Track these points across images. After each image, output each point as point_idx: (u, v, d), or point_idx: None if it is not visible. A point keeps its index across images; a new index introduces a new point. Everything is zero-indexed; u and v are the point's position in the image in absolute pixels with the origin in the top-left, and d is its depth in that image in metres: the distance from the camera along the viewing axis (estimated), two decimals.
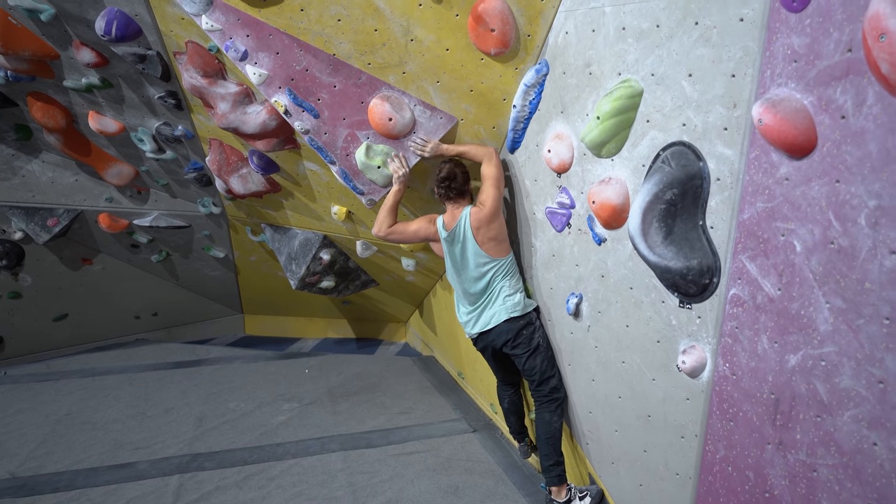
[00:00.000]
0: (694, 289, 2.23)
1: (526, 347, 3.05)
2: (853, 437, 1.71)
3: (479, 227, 2.97)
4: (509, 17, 2.65)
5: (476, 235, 2.99)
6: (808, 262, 1.80)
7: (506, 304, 3.05)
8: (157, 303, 6.21)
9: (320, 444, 3.90)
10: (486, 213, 2.93)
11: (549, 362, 3.07)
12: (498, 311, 3.07)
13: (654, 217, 2.29)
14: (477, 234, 2.99)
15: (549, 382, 3.04)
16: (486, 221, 2.95)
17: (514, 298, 3.07)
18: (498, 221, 2.98)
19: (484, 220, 2.95)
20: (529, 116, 2.94)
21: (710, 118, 2.08)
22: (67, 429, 4.11)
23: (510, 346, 3.08)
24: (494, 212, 2.95)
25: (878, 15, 1.45)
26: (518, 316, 3.05)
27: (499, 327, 3.08)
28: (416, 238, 3.27)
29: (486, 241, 2.99)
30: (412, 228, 3.24)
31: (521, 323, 3.06)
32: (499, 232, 3.00)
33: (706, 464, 2.32)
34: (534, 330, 3.09)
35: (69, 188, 4.72)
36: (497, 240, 3.00)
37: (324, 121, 3.07)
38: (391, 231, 3.24)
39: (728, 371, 2.16)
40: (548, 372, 3.05)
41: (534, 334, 3.08)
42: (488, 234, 2.98)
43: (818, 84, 1.71)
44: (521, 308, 3.07)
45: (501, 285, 3.06)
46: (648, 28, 2.26)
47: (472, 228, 2.99)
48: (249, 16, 2.83)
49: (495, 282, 3.06)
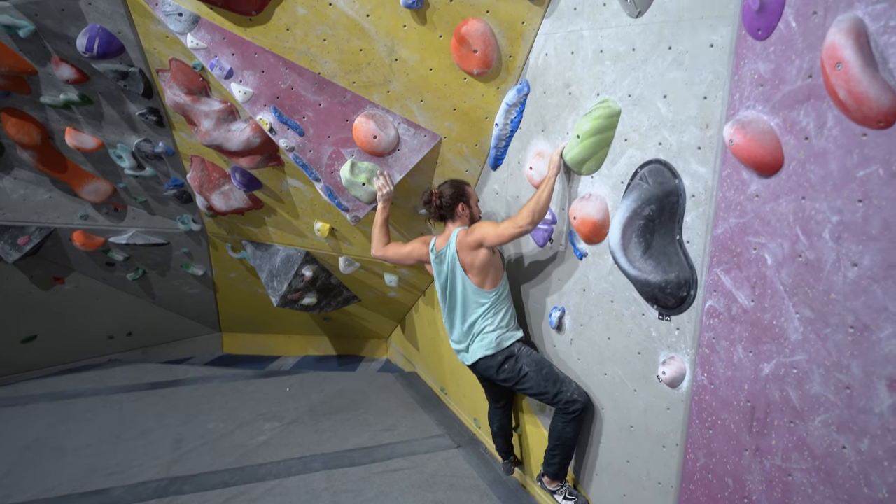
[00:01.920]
0: (672, 301, 2.31)
1: (514, 378, 3.00)
2: (824, 441, 1.79)
3: (462, 250, 2.93)
4: (491, 39, 2.74)
5: (460, 258, 2.95)
6: (779, 274, 1.89)
7: (483, 342, 3.01)
8: (132, 322, 6.10)
9: (303, 463, 3.86)
10: (469, 238, 2.88)
11: (545, 382, 2.93)
12: (476, 348, 3.05)
13: (634, 232, 2.38)
14: (460, 255, 2.94)
15: (558, 397, 2.90)
16: (467, 247, 2.89)
17: (491, 336, 3.00)
18: (483, 253, 2.88)
19: (466, 245, 2.90)
20: (511, 134, 3.02)
21: (685, 137, 2.18)
22: (36, 455, 3.99)
23: (497, 377, 3.06)
24: (477, 242, 2.86)
25: (835, 45, 1.56)
26: (492, 354, 3.01)
27: (480, 362, 3.06)
28: (410, 259, 3.26)
29: (470, 268, 2.94)
30: (406, 249, 3.25)
31: (499, 358, 3.01)
32: (484, 263, 2.91)
33: (687, 472, 2.38)
34: (516, 360, 3.00)
35: (42, 205, 4.64)
36: (481, 269, 2.92)
37: (309, 138, 3.11)
38: (386, 250, 3.27)
39: (706, 380, 2.23)
40: (550, 390, 2.91)
41: (517, 364, 3.00)
42: (471, 260, 2.91)
43: (783, 107, 1.81)
44: (496, 346, 3.00)
45: (484, 319, 3.00)
46: (625, 51, 2.37)
47: (457, 251, 2.95)
48: (235, 35, 2.87)
49: (477, 312, 3.00)
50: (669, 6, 2.17)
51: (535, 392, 2.97)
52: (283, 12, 2.78)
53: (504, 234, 2.76)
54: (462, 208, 3.04)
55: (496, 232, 2.78)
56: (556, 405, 2.90)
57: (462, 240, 2.92)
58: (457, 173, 3.31)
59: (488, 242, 2.83)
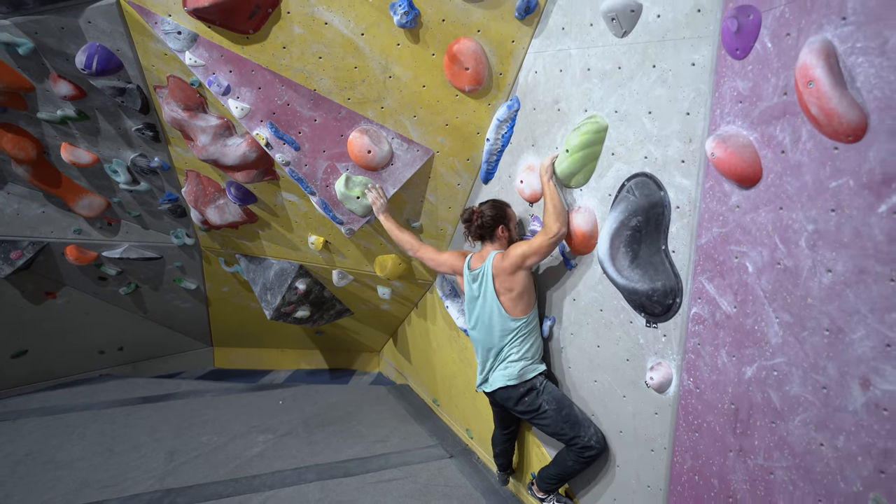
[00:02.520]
0: (659, 309, 2.40)
1: (531, 413, 2.94)
2: (803, 440, 1.87)
3: (498, 274, 2.87)
4: (482, 57, 2.84)
5: (495, 282, 2.89)
6: (759, 281, 1.98)
7: (505, 371, 2.96)
8: (123, 337, 6.09)
9: (297, 474, 3.88)
10: (506, 262, 2.83)
11: (564, 424, 2.86)
12: (496, 377, 3.00)
13: (621, 242, 2.47)
14: (496, 280, 2.89)
15: (574, 441, 2.83)
16: (504, 271, 2.85)
17: (515, 367, 2.94)
18: (519, 277, 2.84)
19: (503, 269, 2.85)
20: (502, 149, 3.12)
21: (669, 151, 2.28)
22: (28, 469, 3.97)
23: (514, 408, 3.01)
24: (515, 265, 2.81)
25: (807, 65, 1.67)
26: (514, 384, 2.95)
27: (500, 392, 3.01)
28: (445, 266, 3.23)
29: (503, 292, 2.88)
30: (443, 258, 3.24)
31: (520, 391, 2.94)
32: (519, 287, 2.86)
33: (675, 474, 2.45)
34: (536, 395, 2.92)
35: (35, 220, 4.66)
36: (515, 294, 2.87)
37: (304, 153, 3.18)
38: (424, 251, 3.27)
39: (692, 385, 2.31)
40: (567, 433, 2.84)
41: (536, 399, 2.92)
42: (506, 285, 2.86)
43: (761, 122, 1.92)
44: (518, 377, 2.93)
45: (511, 347, 2.95)
46: (611, 69, 2.47)
47: (493, 274, 2.89)
48: (232, 52, 2.95)
49: (505, 339, 2.94)
50: (653, 27, 2.27)
51: (551, 431, 2.91)
52: (279, 31, 2.87)
53: (542, 248, 2.73)
54: (502, 230, 2.99)
55: (533, 249, 2.75)
56: (572, 448, 2.85)
57: (499, 264, 2.86)
58: (449, 187, 3.40)
59: (529, 262, 2.79)
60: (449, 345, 4.26)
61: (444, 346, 4.39)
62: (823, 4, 1.69)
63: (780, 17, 1.82)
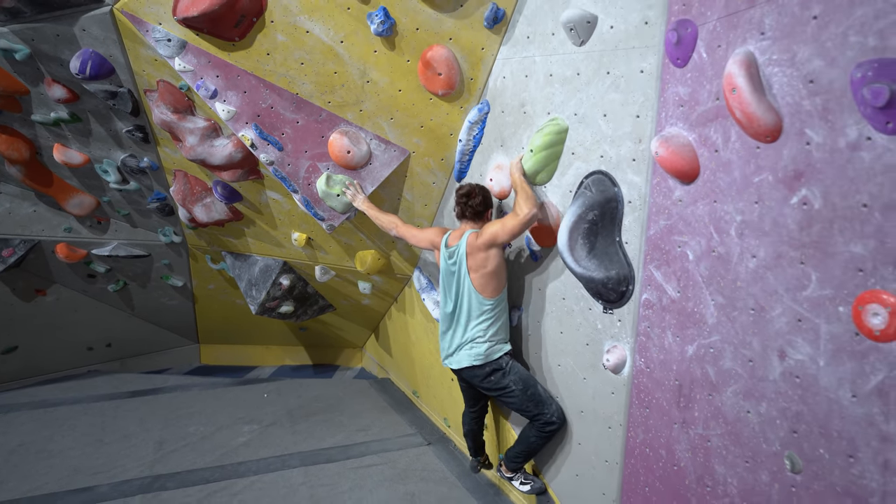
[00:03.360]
0: (614, 296, 2.61)
1: (498, 391, 3.08)
2: (734, 409, 2.09)
3: (472, 252, 2.98)
4: (454, 63, 3.05)
5: (469, 259, 3.00)
6: (698, 267, 2.20)
7: (471, 351, 3.07)
8: (112, 333, 6.21)
9: (281, 461, 4.05)
10: (480, 241, 2.94)
11: (529, 402, 3.02)
12: (463, 356, 3.11)
13: (579, 235, 2.68)
14: (469, 258, 2.99)
15: (538, 418, 3.02)
16: (477, 249, 2.96)
17: (481, 347, 3.06)
18: (492, 255, 2.95)
19: (476, 247, 2.96)
20: (474, 149, 3.32)
21: (622, 151, 2.50)
22: (22, 459, 4.11)
23: (481, 385, 3.14)
24: (488, 243, 2.93)
25: (731, 74, 1.89)
26: (481, 364, 3.07)
27: (466, 370, 3.14)
28: (425, 241, 3.35)
29: (475, 269, 2.98)
30: (423, 234, 3.36)
31: (485, 370, 3.07)
32: (491, 266, 2.97)
33: (629, 448, 2.66)
34: (503, 375, 3.06)
35: (27, 219, 4.79)
36: (487, 272, 2.97)
37: (287, 153, 3.36)
38: (404, 229, 3.41)
39: (643, 365, 2.52)
40: (532, 410, 3.02)
41: (503, 379, 3.05)
42: (479, 262, 2.97)
43: (698, 124, 2.14)
44: (484, 357, 3.06)
45: (478, 327, 3.05)
46: (571, 75, 2.69)
47: (467, 252, 3.00)
48: (219, 58, 3.13)
49: (472, 319, 3.05)
50: (607, 37, 2.49)
51: (516, 408, 3.09)
52: (264, 38, 3.05)
53: (514, 228, 2.84)
54: (489, 214, 3.15)
55: (505, 229, 2.86)
56: (535, 423, 3.06)
57: (473, 242, 2.97)
58: (425, 185, 3.60)
59: (500, 239, 2.90)
60: (426, 336, 4.46)
61: (421, 338, 4.58)
62: (747, 20, 1.91)
63: (713, 30, 2.04)
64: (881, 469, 1.65)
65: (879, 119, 1.56)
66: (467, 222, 3.14)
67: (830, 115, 1.69)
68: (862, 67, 1.58)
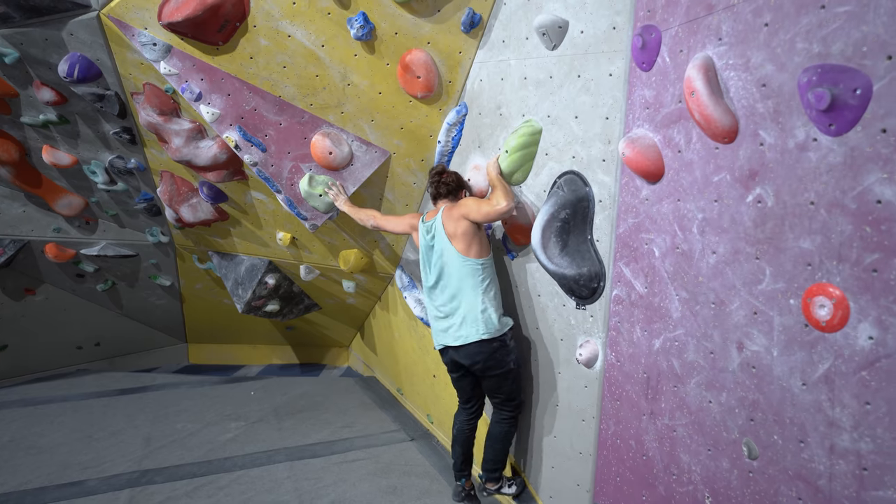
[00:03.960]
0: (586, 292, 2.69)
1: (497, 370, 2.98)
2: (697, 399, 2.17)
3: (447, 220, 3.00)
4: (433, 66, 3.13)
5: (445, 227, 3.00)
6: (664, 263, 2.28)
7: (477, 323, 2.93)
8: (100, 332, 6.25)
9: (267, 456, 4.11)
10: (455, 211, 2.99)
11: (517, 384, 3.05)
12: (469, 330, 2.95)
13: (552, 233, 2.76)
14: (445, 225, 3.00)
15: (513, 401, 3.07)
16: (452, 217, 2.98)
17: (486, 316, 2.94)
18: (465, 224, 2.94)
19: (451, 216, 2.99)
20: (452, 150, 3.40)
21: (593, 152, 2.58)
22: (11, 454, 4.15)
23: (480, 367, 2.99)
24: (463, 214, 2.95)
25: (690, 78, 1.98)
26: (490, 339, 2.93)
27: (468, 347, 2.96)
28: (402, 224, 3.39)
29: (452, 234, 2.96)
30: (401, 219, 3.43)
31: (494, 345, 2.94)
32: (465, 231, 2.94)
33: (602, 440, 2.74)
34: (507, 352, 2.97)
35: (16, 219, 4.83)
36: (463, 236, 2.94)
37: (271, 154, 3.43)
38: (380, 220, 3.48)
39: (614, 359, 2.61)
40: (514, 393, 3.04)
41: (506, 357, 2.97)
42: (454, 229, 2.96)
43: (662, 126, 2.22)
44: (496, 329, 2.94)
45: (475, 292, 2.94)
46: (544, 78, 2.77)
47: (443, 221, 3.03)
48: (204, 62, 3.19)
49: (465, 282, 2.95)
50: (578, 41, 2.58)
51: (505, 392, 3.06)
52: (247, 43, 3.12)
53: (488, 215, 2.86)
54: (463, 194, 3.18)
55: (480, 211, 2.88)
56: (508, 407, 3.11)
57: (448, 211, 3.02)
58: (405, 186, 3.68)
59: (472, 216, 2.91)
60: (409, 334, 4.53)
61: (404, 335, 4.65)
62: (706, 26, 2.00)
63: (675, 35, 2.13)
64: (828, 453, 1.74)
65: (823, 121, 1.65)
66: (442, 200, 3.17)
67: (781, 118, 1.78)
68: (808, 72, 1.67)
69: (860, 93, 1.57)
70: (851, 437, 1.67)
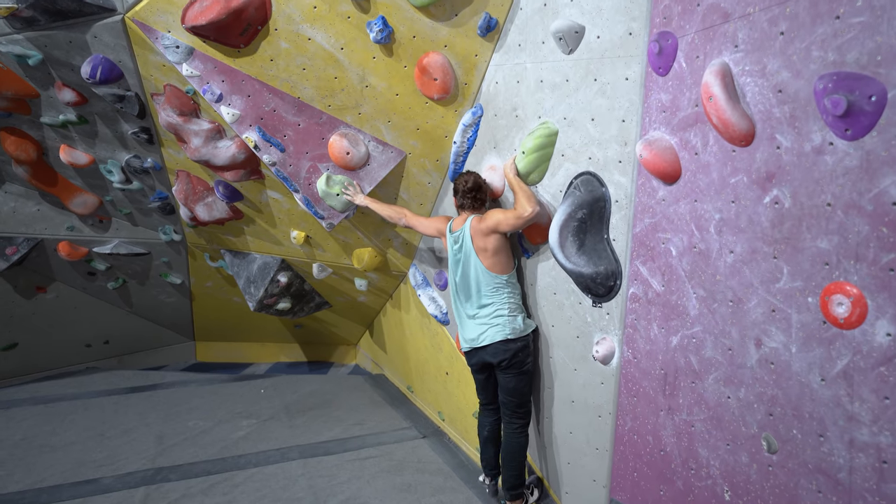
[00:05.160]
0: (603, 290, 2.76)
1: (517, 370, 3.12)
2: (715, 395, 2.24)
3: (475, 235, 3.11)
4: (449, 69, 3.19)
5: (474, 242, 3.12)
6: (681, 262, 2.35)
7: (503, 325, 3.09)
8: (109, 330, 6.29)
9: (280, 454, 4.16)
10: (482, 225, 3.07)
11: (530, 388, 3.18)
12: (493, 330, 3.11)
13: (569, 232, 2.82)
14: (474, 240, 3.11)
15: (525, 407, 3.18)
16: (481, 232, 3.08)
17: (511, 320, 3.10)
18: (495, 238, 3.06)
19: (479, 231, 3.08)
20: (468, 151, 3.47)
21: (609, 153, 2.64)
22: (25, 452, 4.19)
23: (506, 364, 3.12)
24: (491, 228, 3.04)
25: (707, 83, 2.04)
26: (515, 338, 3.09)
27: (494, 346, 3.11)
28: (431, 228, 3.47)
29: (481, 251, 3.10)
30: (429, 221, 3.52)
31: (518, 345, 3.09)
32: (495, 247, 3.07)
33: (618, 436, 2.80)
34: (528, 354, 3.13)
35: (30, 217, 4.88)
36: (491, 253, 3.08)
37: (289, 154, 3.49)
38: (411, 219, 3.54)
39: (631, 356, 2.67)
40: (527, 396, 3.17)
41: (527, 358, 3.13)
42: (482, 245, 3.08)
43: (679, 129, 2.29)
44: (521, 330, 3.11)
45: (499, 302, 3.11)
46: (560, 81, 2.83)
47: (471, 235, 3.13)
48: (225, 64, 3.25)
49: (491, 297, 3.12)
50: (594, 46, 2.64)
51: (520, 393, 3.15)
52: (268, 46, 3.18)
53: (516, 224, 2.97)
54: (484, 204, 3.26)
55: (508, 221, 2.98)
56: (521, 412, 3.18)
57: (476, 226, 3.10)
58: (420, 185, 3.74)
59: (502, 228, 3.02)
60: (421, 332, 4.59)
61: (416, 333, 4.71)
62: (721, 34, 2.07)
63: (691, 42, 2.20)
64: (847, 446, 1.81)
65: (839, 126, 1.71)
66: (467, 211, 3.25)
67: (797, 122, 1.84)
68: (823, 79, 1.74)
69: (875, 100, 1.64)
70: (871, 430, 1.74)
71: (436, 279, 4.19)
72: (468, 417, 4.01)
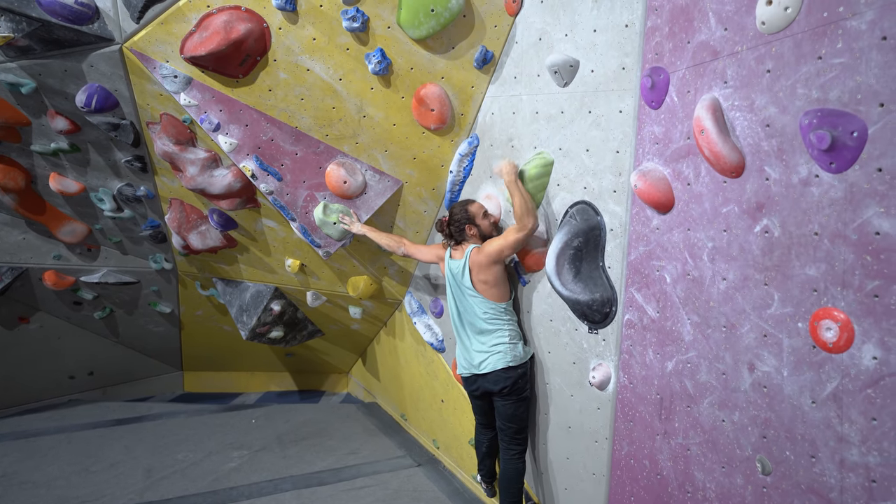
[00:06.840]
0: (598, 316, 2.81)
1: (517, 396, 3.15)
2: (710, 418, 2.28)
3: (474, 267, 3.12)
4: (446, 100, 3.28)
5: (472, 274, 3.14)
6: (675, 289, 2.41)
7: (504, 352, 3.12)
8: (94, 361, 6.16)
9: (273, 485, 4.10)
10: (482, 257, 3.08)
11: (527, 413, 3.21)
12: (495, 358, 3.13)
13: (566, 260, 2.88)
14: (473, 273, 3.13)
15: (522, 433, 3.21)
16: (479, 265, 3.10)
17: (512, 347, 3.14)
18: (495, 269, 3.09)
19: (478, 263, 3.10)
20: (464, 180, 3.54)
21: (604, 183, 2.72)
22: (6, 490, 4.06)
23: (504, 393, 3.15)
24: (493, 258, 3.05)
25: (699, 117, 2.13)
26: (515, 366, 3.13)
27: (495, 374, 3.13)
28: (430, 255, 3.49)
29: (480, 283, 3.12)
30: (428, 249, 3.55)
31: (519, 372, 3.13)
32: (494, 278, 3.10)
33: (615, 461, 2.83)
34: (527, 380, 3.18)
35: (15, 246, 4.82)
36: (490, 284, 3.11)
37: (286, 183, 3.53)
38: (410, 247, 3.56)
39: (626, 381, 2.71)
40: (525, 422, 3.20)
41: (526, 385, 3.18)
42: (482, 277, 3.11)
43: (672, 160, 2.37)
44: (521, 357, 3.15)
45: (499, 330, 3.15)
46: (555, 113, 2.92)
47: (470, 267, 3.14)
48: (223, 94, 3.30)
49: (491, 324, 3.15)
50: (588, 79, 2.74)
51: (519, 419, 3.18)
52: (266, 76, 3.24)
53: (518, 242, 2.99)
54: (469, 229, 3.20)
55: (508, 244, 3.00)
56: (519, 438, 3.21)
57: (475, 258, 3.11)
58: (416, 214, 3.79)
59: (505, 254, 3.04)
60: (416, 359, 4.59)
61: (411, 361, 4.71)
62: (712, 70, 2.17)
63: (682, 77, 2.30)
64: (838, 466, 1.86)
65: (824, 160, 1.80)
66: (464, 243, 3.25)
67: (785, 155, 1.93)
68: (808, 115, 1.83)
69: (857, 135, 1.73)
70: (860, 451, 1.79)
71: (431, 307, 4.21)
72: (464, 445, 4.00)
